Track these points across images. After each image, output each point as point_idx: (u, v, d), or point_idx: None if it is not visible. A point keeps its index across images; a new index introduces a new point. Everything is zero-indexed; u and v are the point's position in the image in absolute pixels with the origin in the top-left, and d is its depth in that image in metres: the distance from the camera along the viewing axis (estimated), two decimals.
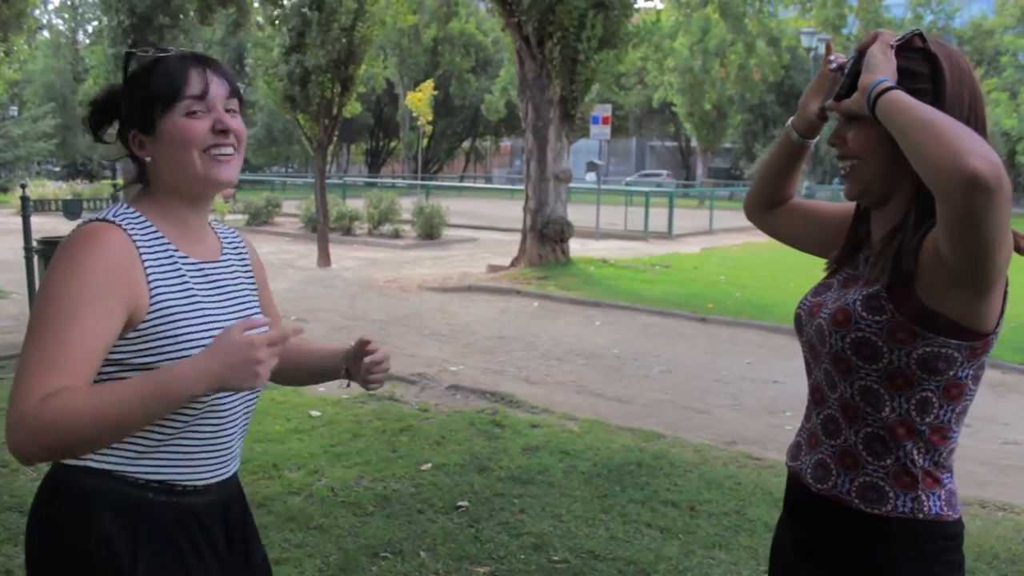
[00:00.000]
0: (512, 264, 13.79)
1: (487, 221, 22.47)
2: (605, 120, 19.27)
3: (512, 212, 19.41)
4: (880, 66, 1.42)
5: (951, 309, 1.41)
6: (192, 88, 1.48)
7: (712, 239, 20.23)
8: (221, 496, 1.59)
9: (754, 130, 41.04)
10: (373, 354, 1.68)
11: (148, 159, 1.51)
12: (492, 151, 58.68)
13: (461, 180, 48.53)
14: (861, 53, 1.48)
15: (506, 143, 58.25)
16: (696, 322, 10.01)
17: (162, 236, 1.52)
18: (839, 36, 35.68)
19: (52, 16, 44.72)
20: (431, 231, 18.28)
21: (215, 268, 1.60)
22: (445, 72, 42.43)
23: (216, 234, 1.67)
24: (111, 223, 1.46)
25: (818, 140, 1.76)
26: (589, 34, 12.75)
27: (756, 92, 37.72)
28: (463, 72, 43.08)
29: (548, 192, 13.53)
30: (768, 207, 1.84)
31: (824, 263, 1.71)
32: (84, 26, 44.06)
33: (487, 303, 11.17)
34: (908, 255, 1.44)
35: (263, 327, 1.40)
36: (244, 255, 1.72)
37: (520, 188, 15.85)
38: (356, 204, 19.79)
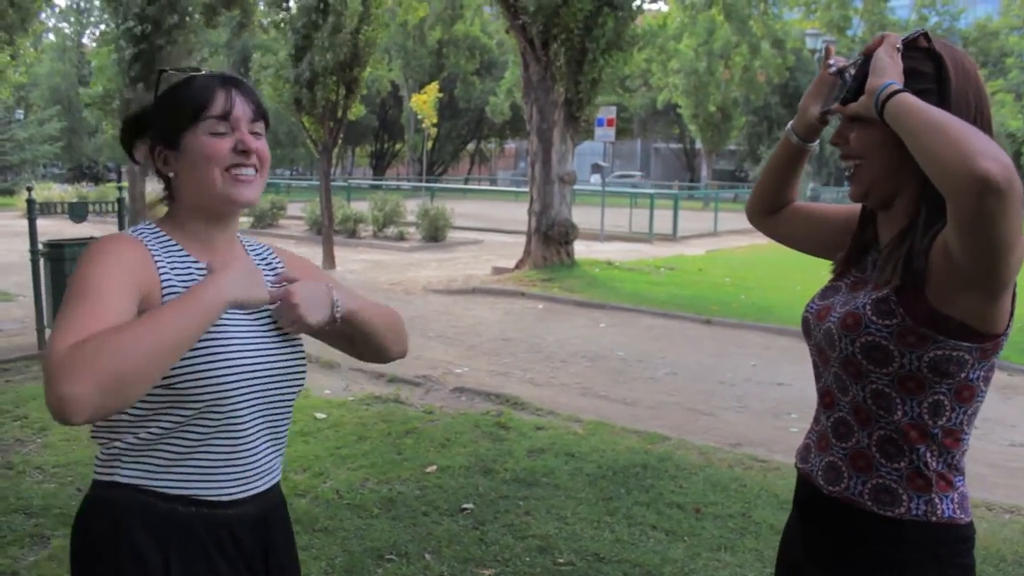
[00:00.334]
0: (517, 266, 13.78)
1: (492, 223, 22.46)
2: (610, 122, 19.30)
3: (517, 214, 19.45)
4: (887, 69, 1.42)
5: (962, 312, 1.40)
6: (217, 107, 1.50)
7: (717, 241, 20.21)
8: (259, 509, 1.60)
9: (759, 132, 40.96)
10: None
11: (171, 174, 1.55)
12: (497, 153, 58.63)
13: (466, 182, 48.52)
14: (867, 56, 1.47)
15: (511, 145, 58.22)
16: (701, 324, 10.00)
17: (180, 247, 1.54)
18: (844, 38, 35.60)
19: (60, 20, 44.88)
20: (436, 233, 18.29)
21: None
22: (450, 74, 42.47)
23: (245, 250, 1.67)
24: (122, 234, 1.51)
25: (824, 143, 1.75)
26: (599, 33, 12.73)
27: (761, 94, 37.66)
28: (468, 74, 43.13)
29: (553, 194, 13.52)
30: (770, 211, 1.83)
31: (830, 265, 1.70)
32: (90, 29, 44.26)
33: (492, 305, 11.17)
34: (919, 257, 1.43)
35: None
36: (278, 270, 1.69)
37: (525, 190, 15.86)
38: (361, 206, 19.80)
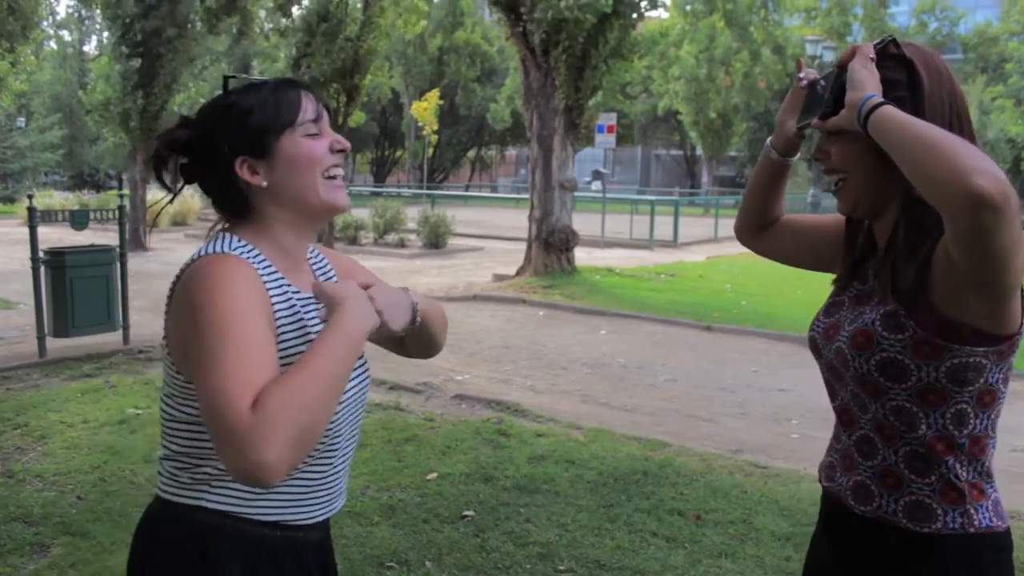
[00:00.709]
0: (517, 273, 13.78)
1: (492, 230, 22.46)
2: (610, 129, 19.29)
3: (517, 221, 19.45)
4: (865, 82, 1.39)
5: (973, 317, 1.37)
6: (308, 112, 1.46)
7: (717, 247, 20.19)
8: (324, 530, 1.60)
9: (759, 138, 40.97)
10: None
11: (264, 184, 1.43)
12: (497, 160, 58.70)
13: (466, 189, 48.61)
14: (842, 68, 1.44)
15: (511, 152, 58.31)
16: (702, 331, 9.98)
17: (276, 271, 1.44)
18: (844, 44, 35.67)
19: (60, 28, 44.98)
20: (436, 240, 18.29)
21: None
22: (450, 81, 42.56)
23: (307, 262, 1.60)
24: (228, 254, 1.37)
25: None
26: (605, 39, 12.73)
27: (761, 100, 37.75)
28: (468, 81, 43.22)
29: (553, 201, 13.52)
30: (759, 229, 1.79)
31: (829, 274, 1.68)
32: (91, 37, 44.36)
33: (492, 312, 11.17)
34: (906, 272, 1.41)
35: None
36: (330, 274, 1.64)
37: (525, 197, 15.87)
38: (362, 213, 19.79)
